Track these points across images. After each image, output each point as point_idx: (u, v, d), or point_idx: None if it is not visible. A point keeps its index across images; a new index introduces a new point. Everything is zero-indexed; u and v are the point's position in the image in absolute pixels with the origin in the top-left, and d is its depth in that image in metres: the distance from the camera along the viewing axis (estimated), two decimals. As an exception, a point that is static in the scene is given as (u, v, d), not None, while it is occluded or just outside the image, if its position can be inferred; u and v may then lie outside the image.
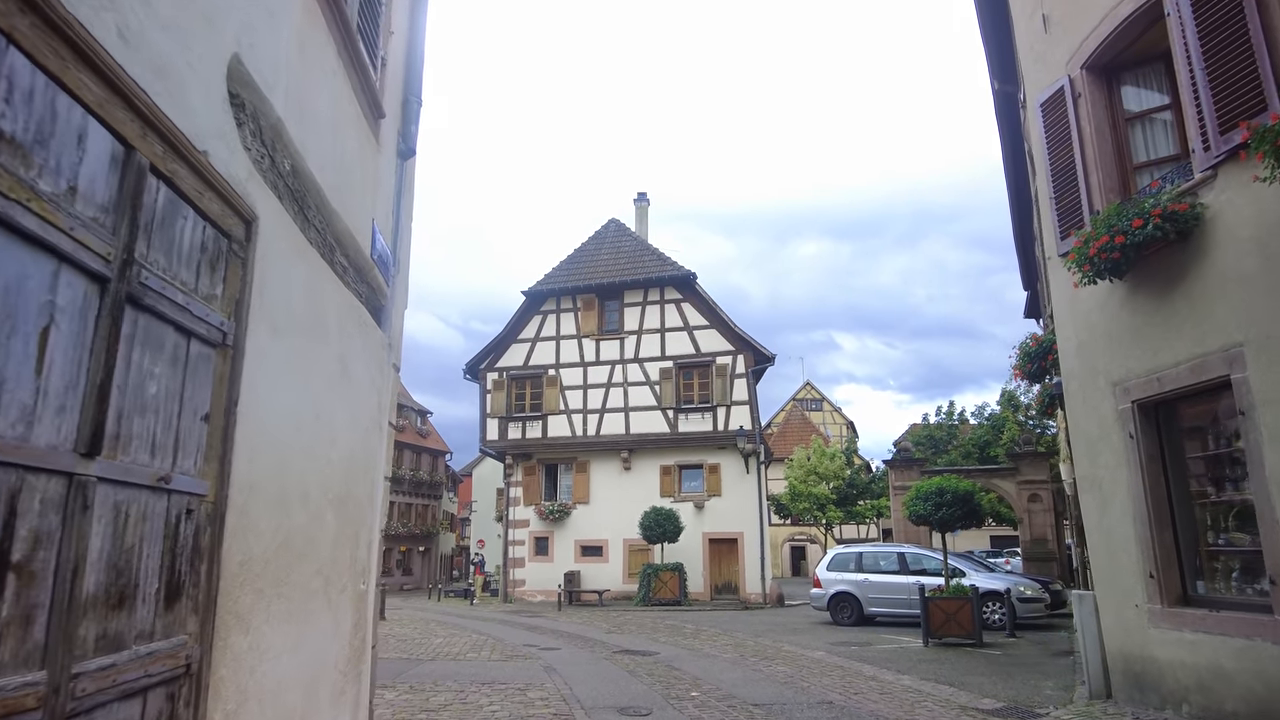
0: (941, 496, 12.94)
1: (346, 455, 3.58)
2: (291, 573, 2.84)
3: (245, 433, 2.40)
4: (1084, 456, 7.77)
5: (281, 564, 2.73)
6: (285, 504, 2.79)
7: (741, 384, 24.89)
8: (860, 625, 16.06)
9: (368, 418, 3.93)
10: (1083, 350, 7.79)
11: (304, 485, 3.00)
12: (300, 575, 2.92)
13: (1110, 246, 6.57)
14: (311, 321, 3.09)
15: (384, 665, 10.39)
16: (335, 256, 3.50)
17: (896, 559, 16.58)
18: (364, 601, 3.89)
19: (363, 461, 3.82)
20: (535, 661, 10.84)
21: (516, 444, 26.46)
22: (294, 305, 2.88)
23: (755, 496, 24.44)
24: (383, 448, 4.32)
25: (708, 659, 11.23)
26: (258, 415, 2.51)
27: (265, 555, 2.56)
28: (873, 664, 10.69)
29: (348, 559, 3.57)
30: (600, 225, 29.49)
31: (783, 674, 9.81)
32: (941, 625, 12.73)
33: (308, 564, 3.00)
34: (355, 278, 3.81)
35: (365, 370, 3.88)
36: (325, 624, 3.22)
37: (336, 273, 3.49)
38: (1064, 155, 8.13)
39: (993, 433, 38.95)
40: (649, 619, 18.38)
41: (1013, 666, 10.39)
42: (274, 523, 2.66)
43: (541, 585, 25.25)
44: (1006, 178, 17.92)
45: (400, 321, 4.82)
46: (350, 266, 3.74)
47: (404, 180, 4.83)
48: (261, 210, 2.53)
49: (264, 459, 2.56)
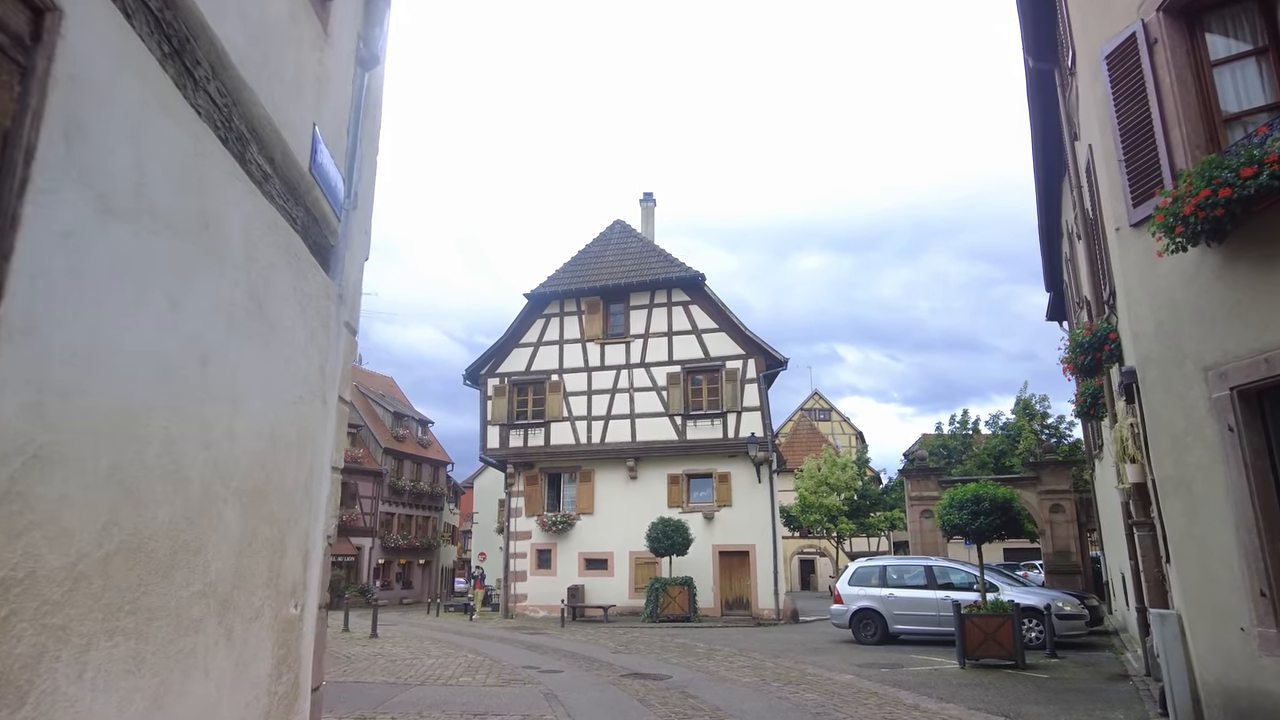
0: (978, 504, 11.89)
1: (265, 431, 2.59)
2: (147, 595, 1.85)
3: (21, 359, 1.43)
4: (1166, 455, 6.72)
5: (121, 581, 1.75)
6: (130, 488, 1.80)
7: (752, 389, 23.85)
8: (885, 644, 14.95)
9: (302, 384, 2.94)
10: (1164, 332, 6.77)
11: (177, 463, 2.01)
12: (167, 598, 1.93)
13: (1212, 202, 5.57)
14: (192, 219, 2.11)
15: (366, 691, 9.34)
16: (249, 151, 2.52)
17: (924, 573, 15.48)
18: (295, 631, 2.89)
19: (292, 442, 2.83)
20: (535, 687, 9.78)
21: (518, 452, 25.42)
22: (153, 181, 1.91)
23: (767, 507, 23.34)
24: (329, 428, 3.33)
25: (726, 684, 10.16)
26: (60, 335, 1.54)
27: (77, 569, 1.57)
28: (909, 689, 9.61)
29: (265, 573, 2.57)
30: (605, 227, 28.55)
31: (812, 703, 8.74)
32: (979, 645, 11.64)
33: (184, 581, 2.01)
34: (283, 193, 2.83)
35: (298, 320, 2.90)
36: (219, 668, 2.23)
37: (249, 173, 2.52)
38: (1136, 111, 7.13)
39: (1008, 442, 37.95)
40: (657, 637, 17.28)
41: (1067, 693, 9.31)
42: (100, 515, 1.68)
43: (544, 600, 24.14)
44: (1035, 169, 16.97)
45: (358, 274, 3.84)
46: (276, 176, 2.77)
47: (366, 97, 3.87)
48: (72, 6, 1.57)
49: (74, 410, 1.59)
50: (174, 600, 1.98)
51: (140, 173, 1.83)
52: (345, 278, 3.58)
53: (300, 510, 2.94)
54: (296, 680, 2.90)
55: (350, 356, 3.71)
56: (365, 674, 10.87)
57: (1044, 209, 18.67)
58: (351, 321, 3.65)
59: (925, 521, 28.39)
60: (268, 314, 2.61)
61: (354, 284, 3.73)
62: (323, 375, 3.19)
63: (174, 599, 1.98)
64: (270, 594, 2.64)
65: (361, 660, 12.50)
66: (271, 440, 2.65)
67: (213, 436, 2.21)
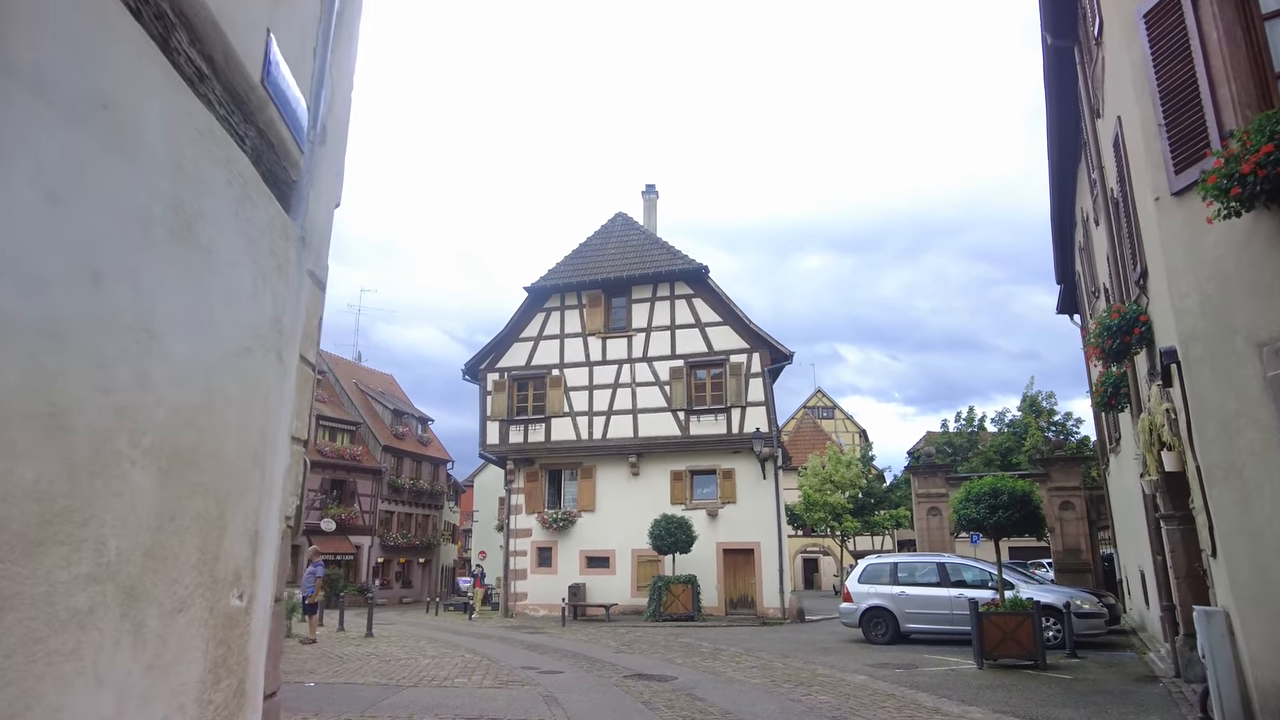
0: (996, 498, 11.39)
1: (196, 382, 2.11)
2: (1, 578, 1.36)
3: None
4: (1214, 439, 6.24)
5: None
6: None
7: (757, 384, 23.36)
8: (896, 644, 14.46)
9: (250, 333, 2.46)
10: (1211, 306, 6.28)
11: (54, 405, 1.53)
12: (32, 582, 1.45)
13: (1274, 158, 5.08)
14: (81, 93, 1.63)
15: (356, 693, 8.86)
16: (174, 37, 2.04)
17: (936, 570, 14.98)
18: (239, 626, 2.41)
19: (235, 401, 2.35)
20: (534, 688, 9.30)
21: (518, 448, 24.93)
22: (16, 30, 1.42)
23: (773, 504, 22.84)
24: (288, 391, 2.85)
25: (734, 685, 9.67)
26: None
27: None
28: (928, 691, 9.13)
29: (194, 556, 2.10)
30: (607, 220, 28.04)
31: (827, 705, 8.25)
32: (998, 644, 11.16)
33: (61, 561, 1.53)
34: (225, 101, 2.36)
35: (244, 255, 2.42)
36: (121, 673, 1.75)
37: (175, 64, 2.04)
38: (1177, 72, 6.65)
39: (1014, 439, 37.48)
40: (661, 636, 16.80)
41: (1095, 696, 8.82)
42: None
43: (544, 599, 23.65)
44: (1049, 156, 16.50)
45: (326, 220, 3.36)
46: (216, 79, 2.29)
47: (339, 21, 3.38)
48: None
49: None
50: (44, 586, 1.50)
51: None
52: (310, 221, 3.10)
53: (248, 484, 2.46)
54: (241, 686, 2.42)
55: (316, 312, 3.22)
56: (357, 675, 10.40)
57: (1057, 198, 18.19)
58: (317, 272, 3.17)
59: (932, 519, 27.94)
60: (200, 239, 2.13)
61: (321, 230, 3.25)
62: (278, 327, 2.71)
63: (44, 584, 1.50)
64: (203, 581, 2.15)
65: (354, 660, 12.03)
66: (206, 394, 2.17)
67: (113, 378, 1.73)
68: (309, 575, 15.65)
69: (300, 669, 10.92)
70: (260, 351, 2.57)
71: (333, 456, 35.97)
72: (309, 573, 15.69)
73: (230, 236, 2.35)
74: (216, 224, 2.25)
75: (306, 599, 15.43)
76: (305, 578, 15.82)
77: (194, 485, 2.10)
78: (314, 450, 34.89)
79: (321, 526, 33.91)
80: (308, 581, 15.57)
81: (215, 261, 2.24)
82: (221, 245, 2.28)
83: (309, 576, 15.63)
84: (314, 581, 15.44)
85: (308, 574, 15.74)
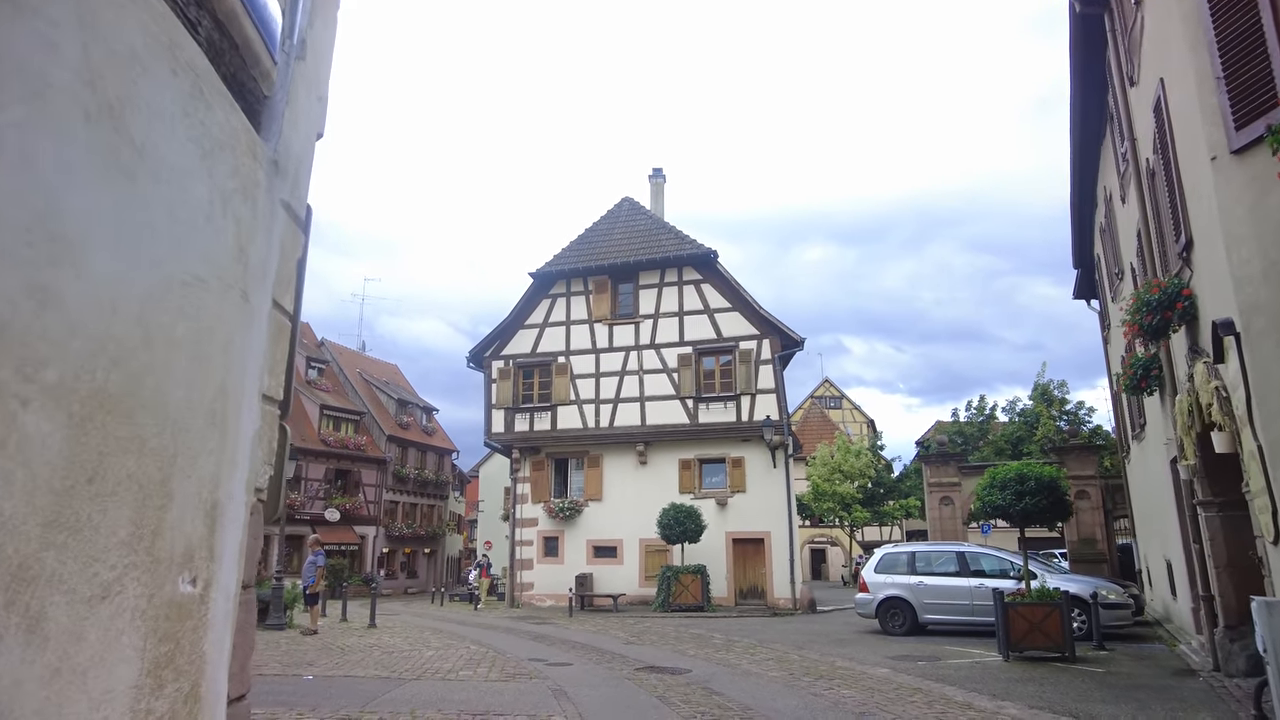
0: (1023, 484, 10.93)
1: (126, 312, 1.67)
2: None
3: None
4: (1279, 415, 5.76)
5: None
6: None
7: (767, 370, 22.88)
8: (914, 635, 14.03)
9: (204, 263, 2.02)
10: (1278, 273, 5.79)
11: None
12: None
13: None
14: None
15: (355, 686, 8.47)
16: None
17: (955, 559, 14.53)
18: (190, 618, 1.97)
19: (181, 342, 1.90)
20: (542, 682, 8.89)
21: (524, 437, 24.52)
22: None
23: (783, 492, 22.41)
24: (257, 340, 2.40)
25: (751, 679, 9.25)
26: None
27: None
28: (955, 685, 8.70)
29: (126, 529, 1.66)
30: (613, 205, 27.51)
31: (852, 701, 7.82)
32: (1024, 636, 10.71)
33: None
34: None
35: (196, 166, 1.98)
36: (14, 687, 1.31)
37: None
38: (1239, 21, 6.14)
39: (1025, 428, 37.03)
40: (670, 627, 16.40)
41: (1134, 691, 8.37)
42: None
43: (551, 589, 23.28)
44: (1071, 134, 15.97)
45: (306, 149, 2.91)
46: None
47: (319, -80, 2.93)
48: None
49: None
50: None
51: None
52: (285, 145, 2.64)
53: (202, 446, 2.02)
54: (194, 691, 1.98)
55: (294, 253, 2.77)
56: (357, 667, 10.00)
57: (1077, 178, 17.65)
58: (294, 204, 2.71)
59: (945, 508, 27.47)
60: (131, 131, 1.69)
61: (298, 158, 2.79)
62: (243, 261, 2.26)
63: None
64: (137, 561, 1.72)
65: (355, 652, 11.64)
66: (141, 327, 1.73)
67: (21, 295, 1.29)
68: (309, 564, 15.27)
69: (299, 661, 10.54)
70: (218, 287, 2.12)
71: (337, 446, 35.64)
72: (309, 562, 15.32)
73: (176, 139, 1.90)
74: (156, 119, 1.80)
75: (307, 589, 15.06)
76: (306, 567, 15.45)
77: (123, 441, 1.67)
78: (318, 439, 34.67)
79: (326, 516, 33.61)
80: (308, 571, 15.19)
81: (154, 165, 1.79)
82: (163, 147, 1.83)
83: (309, 566, 15.25)
84: (315, 571, 15.06)
85: (308, 563, 15.37)
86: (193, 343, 1.99)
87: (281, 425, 2.86)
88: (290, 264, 2.72)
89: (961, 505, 26.90)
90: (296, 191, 2.77)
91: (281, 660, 10.62)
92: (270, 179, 2.51)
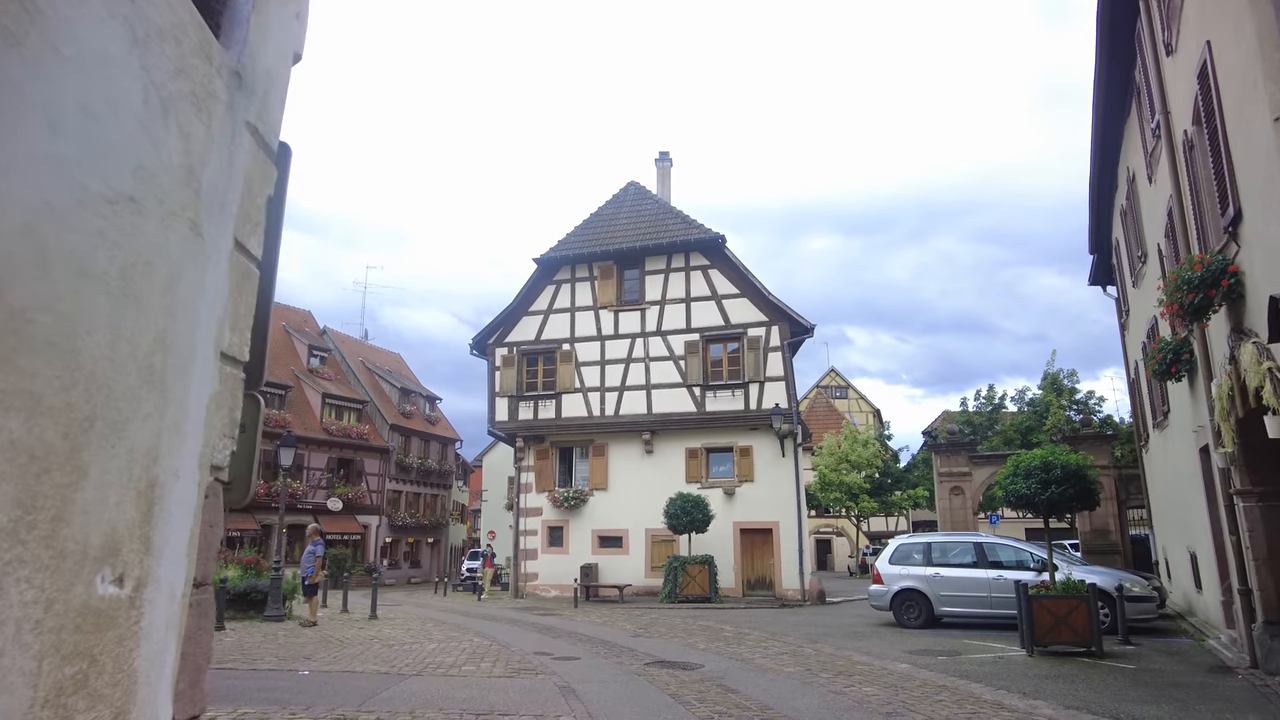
0: (1049, 472, 10.48)
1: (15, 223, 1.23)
2: None
3: None
4: (1349, 396, 5.32)
5: None
6: None
7: (776, 358, 22.43)
8: (930, 628, 13.63)
9: (136, 179, 1.60)
10: (1349, 240, 5.33)
11: None
12: None
13: None
14: None
15: (353, 682, 8.08)
16: None
17: (972, 550, 14.12)
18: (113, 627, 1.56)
19: (103, 274, 1.48)
20: (548, 678, 8.49)
21: (528, 425, 24.12)
22: None
23: (792, 482, 22.00)
24: (214, 284, 1.97)
25: (767, 675, 8.85)
26: None
27: None
28: (981, 682, 8.30)
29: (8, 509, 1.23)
30: (618, 189, 27.01)
31: (876, 699, 7.41)
32: (1049, 630, 10.30)
33: None
34: None
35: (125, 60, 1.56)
36: None
37: None
38: (1306, -33, 5.66)
39: (1035, 418, 36.57)
40: (678, 619, 16.02)
41: (1171, 689, 7.95)
42: None
43: (555, 579, 22.92)
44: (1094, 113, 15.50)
45: (280, 68, 2.47)
46: None
47: None
48: None
49: None
50: None
51: None
52: (252, 58, 2.21)
53: (134, 409, 1.59)
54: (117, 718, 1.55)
55: (264, 188, 2.33)
56: (356, 661, 9.62)
57: (1098, 159, 17.15)
58: (262, 129, 2.28)
59: (955, 498, 27.07)
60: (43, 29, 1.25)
61: (268, 76, 2.35)
62: (193, 186, 1.83)
63: None
64: (28, 555, 1.29)
65: (355, 645, 11.27)
66: (36, 247, 1.30)
67: None
68: (308, 555, 14.90)
69: (296, 654, 10.17)
70: (158, 211, 1.69)
71: (339, 435, 35.30)
72: (308, 552, 14.94)
73: (98, 19, 1.46)
74: (96, 21, 1.37)
75: (306, 580, 14.69)
76: (304, 557, 15.07)
77: (8, 394, 1.25)
78: (320, 428, 34.33)
79: (328, 506, 33.31)
80: (307, 561, 14.82)
81: (55, 33, 1.36)
82: (69, 12, 1.40)
83: (308, 556, 14.87)
84: (313, 561, 14.68)
85: (307, 553, 14.99)
86: (118, 277, 1.56)
87: (252, 395, 2.43)
88: (258, 199, 2.28)
89: (972, 495, 26.50)
90: (266, 115, 2.33)
91: (277, 654, 10.24)
92: (232, 93, 2.07)
